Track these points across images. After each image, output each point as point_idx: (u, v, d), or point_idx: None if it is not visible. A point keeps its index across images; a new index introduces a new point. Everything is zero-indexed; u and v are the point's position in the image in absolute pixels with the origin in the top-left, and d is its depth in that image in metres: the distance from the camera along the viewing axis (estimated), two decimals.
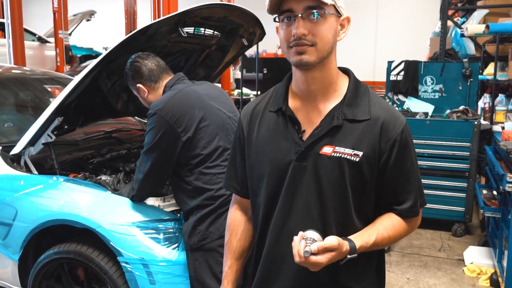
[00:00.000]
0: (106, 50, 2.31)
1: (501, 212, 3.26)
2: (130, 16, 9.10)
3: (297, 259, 1.11)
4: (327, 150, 1.20)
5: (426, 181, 4.30)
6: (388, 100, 4.86)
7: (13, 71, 3.65)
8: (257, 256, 1.36)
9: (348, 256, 1.16)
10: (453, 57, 5.17)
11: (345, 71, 1.31)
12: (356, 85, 1.27)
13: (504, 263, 3.01)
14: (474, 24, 5.39)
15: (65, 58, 7.88)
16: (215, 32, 2.74)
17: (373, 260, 1.32)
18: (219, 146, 2.09)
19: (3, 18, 6.55)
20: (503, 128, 3.99)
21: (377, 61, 10.41)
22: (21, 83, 3.37)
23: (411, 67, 4.74)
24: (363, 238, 1.20)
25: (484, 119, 4.78)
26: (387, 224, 1.25)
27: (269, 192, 1.28)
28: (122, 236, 2.14)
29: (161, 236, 2.18)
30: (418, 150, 4.28)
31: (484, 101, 5.02)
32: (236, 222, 1.45)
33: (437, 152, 4.29)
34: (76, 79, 2.29)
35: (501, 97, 4.83)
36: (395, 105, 4.83)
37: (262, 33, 2.86)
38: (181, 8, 2.37)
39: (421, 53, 7.64)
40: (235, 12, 2.55)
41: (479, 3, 5.81)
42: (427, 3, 9.88)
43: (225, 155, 2.08)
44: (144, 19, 7.62)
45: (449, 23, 5.73)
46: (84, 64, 7.80)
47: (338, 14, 1.20)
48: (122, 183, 2.48)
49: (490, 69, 4.96)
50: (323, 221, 1.22)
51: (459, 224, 4.31)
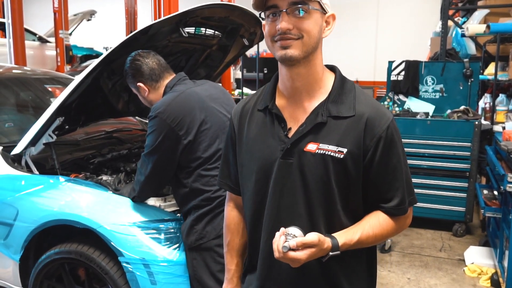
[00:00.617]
0: (107, 50, 2.31)
1: (502, 212, 3.26)
2: (131, 16, 9.08)
3: (276, 255, 1.11)
4: (312, 147, 1.21)
5: (427, 181, 4.31)
6: (389, 100, 4.86)
7: (14, 71, 3.64)
8: (250, 250, 1.39)
9: (330, 253, 1.15)
10: (454, 57, 5.15)
11: (332, 69, 1.31)
12: (342, 82, 1.27)
13: (505, 263, 3.01)
14: (475, 24, 5.38)
15: (66, 58, 7.88)
16: (216, 32, 2.74)
17: (363, 257, 1.31)
18: (219, 149, 2.08)
19: (4, 18, 6.55)
20: (504, 128, 3.97)
21: (378, 61, 10.37)
22: (22, 83, 3.37)
23: (412, 67, 4.73)
24: (347, 236, 1.19)
25: (485, 119, 4.77)
26: (373, 222, 1.24)
27: (258, 190, 1.29)
28: (123, 236, 2.14)
29: (162, 236, 2.18)
30: (419, 150, 4.30)
31: (485, 101, 5.01)
32: (235, 221, 1.46)
33: (438, 152, 4.28)
34: (77, 79, 2.29)
35: (502, 97, 4.83)
36: (396, 105, 4.83)
37: (263, 33, 2.85)
38: (182, 8, 2.37)
39: (422, 53, 7.62)
40: (236, 12, 2.55)
41: (480, 3, 5.80)
42: (428, 3, 9.85)
43: None
44: (145, 19, 7.60)
45: (450, 23, 5.72)
46: (85, 64, 7.80)
47: (323, 11, 1.21)
48: (123, 183, 2.49)
49: (491, 69, 4.95)
50: (310, 218, 1.22)
51: (460, 224, 4.31)
